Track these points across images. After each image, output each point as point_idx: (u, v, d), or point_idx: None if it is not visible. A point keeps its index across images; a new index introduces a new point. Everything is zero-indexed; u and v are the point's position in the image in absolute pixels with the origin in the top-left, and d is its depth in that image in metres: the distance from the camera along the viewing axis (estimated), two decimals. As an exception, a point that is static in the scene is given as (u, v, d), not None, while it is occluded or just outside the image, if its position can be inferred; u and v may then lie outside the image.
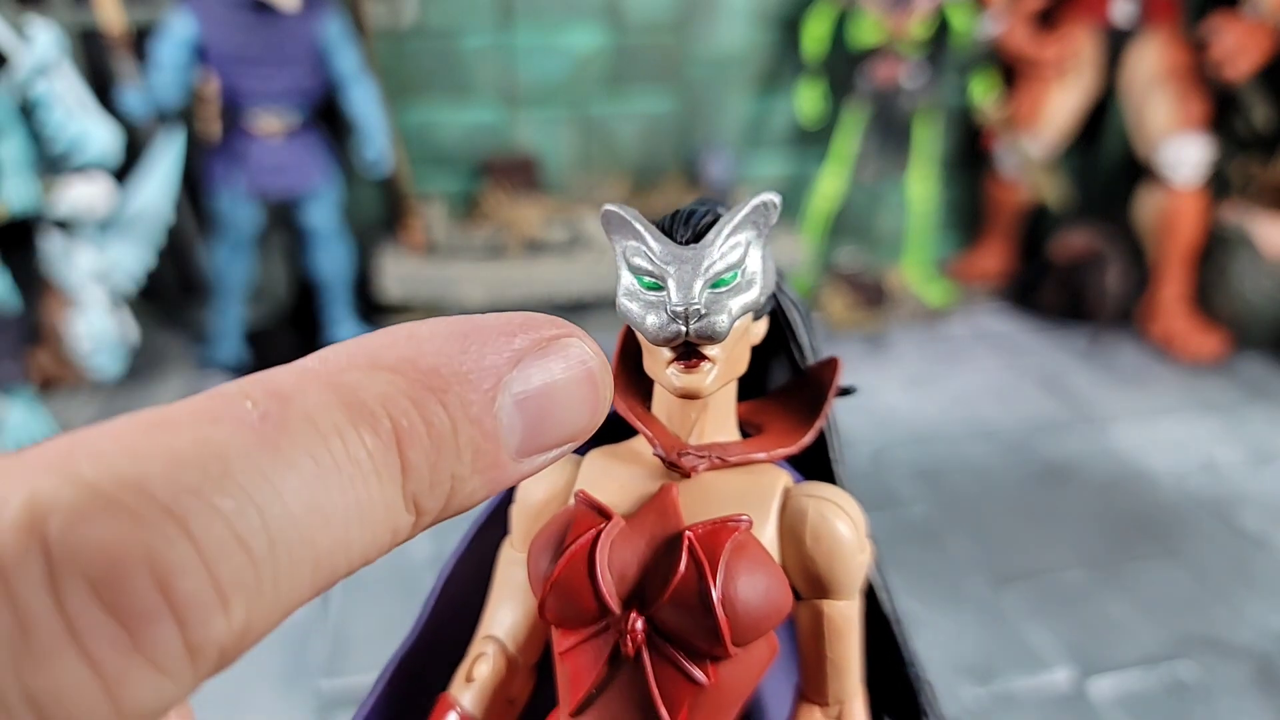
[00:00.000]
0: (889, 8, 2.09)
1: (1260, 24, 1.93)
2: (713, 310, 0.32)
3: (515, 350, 0.18)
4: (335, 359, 0.17)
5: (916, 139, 2.25)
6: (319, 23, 1.79)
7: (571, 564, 0.32)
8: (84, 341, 1.64)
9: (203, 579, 0.13)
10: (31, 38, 1.46)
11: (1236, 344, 2.14)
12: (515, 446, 0.18)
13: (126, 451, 0.14)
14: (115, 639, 0.13)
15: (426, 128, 2.18)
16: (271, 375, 0.16)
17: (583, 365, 0.19)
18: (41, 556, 0.12)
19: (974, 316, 2.37)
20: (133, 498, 0.13)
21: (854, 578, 0.35)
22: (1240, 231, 2.09)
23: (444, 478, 0.17)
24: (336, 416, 0.15)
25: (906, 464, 1.67)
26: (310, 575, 0.15)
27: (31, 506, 0.13)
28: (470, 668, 0.37)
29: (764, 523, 0.34)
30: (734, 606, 0.31)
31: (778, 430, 0.37)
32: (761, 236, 0.34)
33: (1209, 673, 1.20)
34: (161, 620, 0.13)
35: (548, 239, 2.11)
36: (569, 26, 2.16)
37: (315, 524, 0.15)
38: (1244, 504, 1.57)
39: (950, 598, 1.33)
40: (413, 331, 0.18)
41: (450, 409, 0.17)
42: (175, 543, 0.13)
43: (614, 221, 0.33)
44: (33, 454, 0.14)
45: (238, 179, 1.82)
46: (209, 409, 0.15)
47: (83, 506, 0.13)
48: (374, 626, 1.25)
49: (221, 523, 0.13)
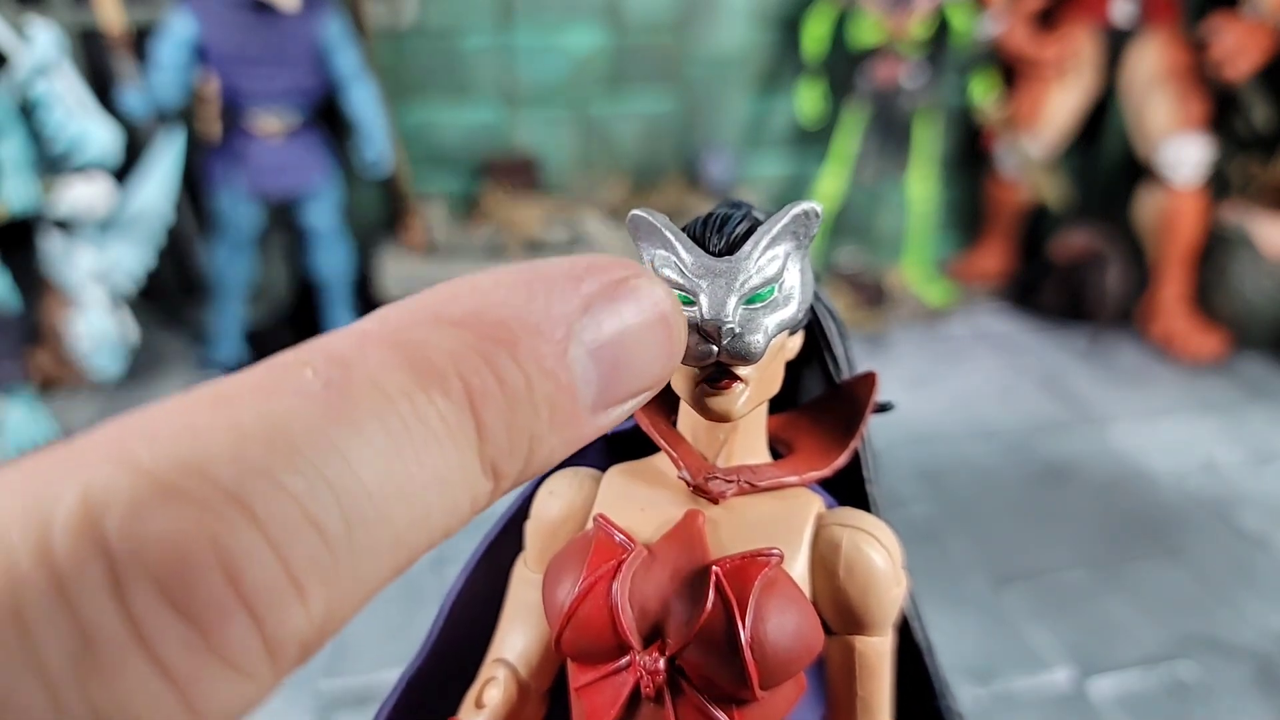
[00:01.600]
0: (889, 8, 2.09)
1: (1260, 24, 1.93)
2: (747, 329, 0.29)
3: (584, 296, 0.17)
4: (396, 318, 0.15)
5: (916, 139, 2.25)
6: (319, 23, 1.79)
7: (590, 597, 0.31)
8: (84, 341, 1.64)
9: (275, 568, 0.12)
10: (31, 38, 1.46)
11: (1236, 344, 2.14)
12: (591, 399, 0.17)
13: (184, 432, 0.13)
14: (187, 641, 0.12)
15: (426, 128, 2.18)
16: (330, 340, 0.15)
17: (655, 308, 0.18)
18: (101, 557, 0.11)
19: (974, 316, 2.37)
20: (195, 483, 0.12)
21: (888, 613, 0.33)
22: (1240, 231, 2.09)
23: (522, 438, 0.15)
24: (403, 379, 0.14)
25: (907, 464, 1.67)
26: (390, 554, 0.14)
27: (87, 502, 0.12)
28: (480, 692, 0.35)
29: (795, 554, 0.32)
30: (763, 649, 0.29)
31: (809, 449, 0.35)
32: (801, 248, 0.31)
33: (1209, 673, 1.20)
34: (235, 617, 0.12)
35: (548, 239, 2.11)
36: (569, 26, 2.16)
37: (391, 498, 0.13)
38: (1244, 504, 1.57)
39: (950, 598, 1.33)
40: (475, 283, 0.16)
41: (523, 363, 0.15)
42: (243, 530, 0.12)
43: (642, 228, 0.31)
44: (85, 442, 0.13)
45: (238, 179, 1.82)
46: (269, 380, 0.14)
47: (142, 497, 0.12)
48: (374, 627, 1.25)
49: (292, 504, 0.12)
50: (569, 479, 0.35)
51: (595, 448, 0.37)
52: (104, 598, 0.11)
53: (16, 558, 0.11)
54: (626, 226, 0.32)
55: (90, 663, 0.11)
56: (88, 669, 0.11)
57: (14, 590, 0.11)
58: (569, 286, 0.17)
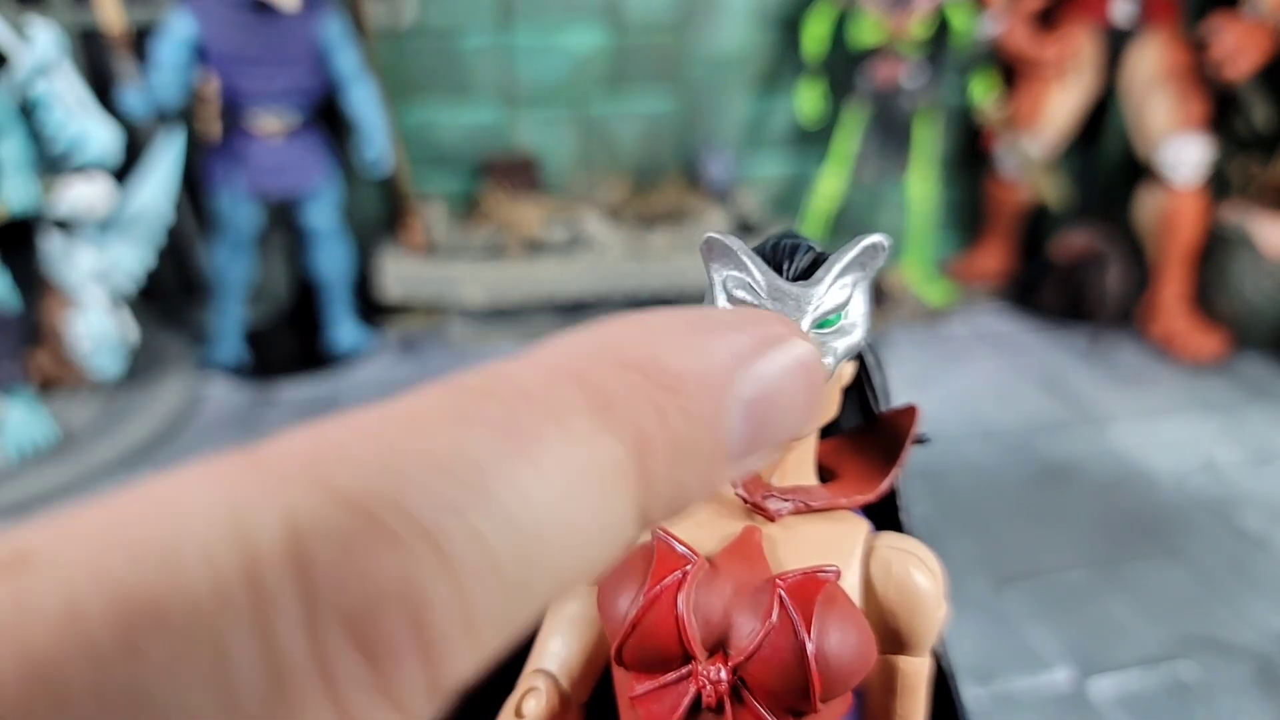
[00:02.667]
0: (889, 8, 2.09)
1: (1260, 24, 1.93)
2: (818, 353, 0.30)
3: (746, 347, 0.17)
4: (577, 351, 0.15)
5: (916, 139, 2.25)
6: (319, 23, 1.79)
7: (656, 607, 0.31)
8: (84, 341, 1.64)
9: (457, 613, 0.12)
10: (31, 38, 1.46)
11: (1236, 344, 2.14)
12: (734, 449, 0.17)
13: (382, 457, 0.12)
14: (364, 681, 0.11)
15: (426, 128, 2.18)
16: (513, 371, 0.15)
17: (803, 367, 0.18)
18: (301, 591, 0.11)
19: (974, 316, 2.37)
20: (394, 517, 0.12)
21: (931, 634, 0.34)
22: (1240, 231, 2.09)
23: (676, 489, 0.15)
24: (586, 422, 0.14)
25: (907, 464, 1.67)
26: (546, 594, 0.13)
27: (290, 527, 0.11)
28: (520, 702, 0.35)
29: (847, 573, 0.33)
30: (826, 661, 0.30)
31: (853, 475, 0.36)
32: (867, 279, 0.32)
33: (1209, 673, 1.20)
34: (411, 658, 0.12)
35: (548, 239, 2.11)
36: (569, 26, 2.16)
37: (561, 542, 0.13)
38: (1244, 504, 1.57)
39: (950, 598, 1.33)
40: (650, 325, 0.17)
41: (690, 414, 0.15)
42: (435, 574, 0.12)
43: (716, 249, 0.32)
44: (276, 456, 0.12)
45: (238, 179, 1.82)
46: (458, 408, 0.13)
47: (345, 530, 0.11)
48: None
49: (480, 547, 0.12)
50: None
51: None
52: (299, 631, 0.11)
53: (223, 581, 0.11)
54: (699, 248, 0.33)
55: (279, 696, 0.11)
56: (273, 702, 0.11)
57: (219, 614, 0.11)
58: (733, 337, 0.17)
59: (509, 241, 2.10)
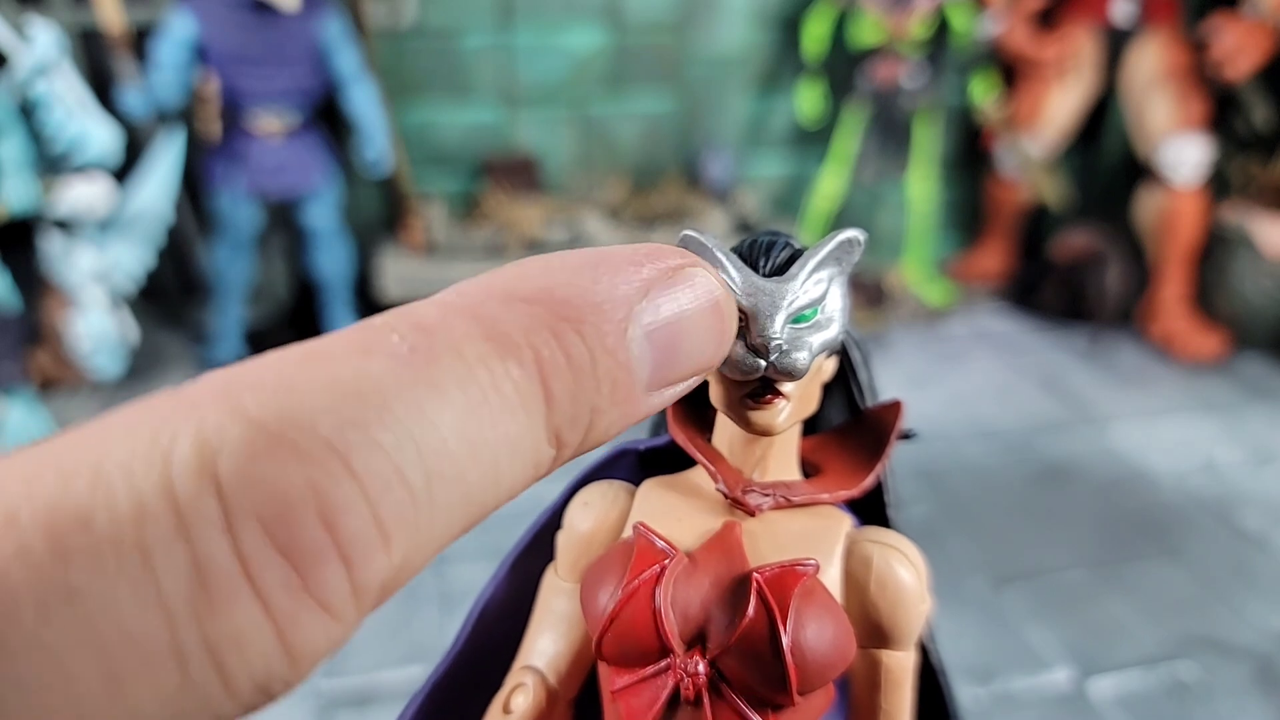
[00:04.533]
0: (889, 8, 2.09)
1: (1260, 24, 1.93)
2: (793, 346, 0.31)
3: (644, 279, 0.18)
4: (473, 292, 0.17)
5: (916, 139, 2.25)
6: (319, 23, 1.79)
7: (634, 601, 0.31)
8: (84, 341, 1.64)
9: (367, 517, 0.13)
10: (31, 38, 1.46)
11: (1236, 344, 2.14)
12: (646, 379, 0.18)
13: (287, 384, 0.13)
14: (287, 581, 0.12)
15: (426, 128, 2.18)
16: (413, 309, 0.16)
17: (709, 295, 0.19)
18: (216, 496, 0.12)
19: (974, 316, 2.37)
20: (298, 433, 0.13)
21: (915, 628, 0.34)
22: (1240, 231, 2.09)
23: (584, 410, 0.16)
24: (482, 348, 0.15)
25: (907, 464, 1.67)
26: (462, 510, 0.15)
27: (202, 444, 0.12)
28: (508, 699, 0.36)
29: (828, 567, 0.33)
30: (803, 654, 0.31)
31: (837, 470, 0.36)
32: (843, 274, 0.33)
33: (1209, 673, 1.20)
34: (330, 560, 0.13)
35: (548, 239, 2.11)
36: (569, 26, 2.16)
37: (467, 458, 0.14)
38: (1244, 504, 1.57)
39: (950, 598, 1.33)
40: (546, 264, 0.18)
41: (588, 339, 0.16)
42: (340, 480, 0.13)
43: (692, 246, 0.31)
44: (194, 390, 0.14)
45: (238, 179, 1.82)
46: (360, 341, 0.15)
47: (251, 443, 0.12)
48: (375, 626, 1.25)
49: (383, 458, 0.13)
50: (603, 491, 0.36)
51: (628, 464, 0.38)
52: (217, 534, 0.12)
53: (142, 492, 0.12)
54: (676, 245, 0.33)
55: (203, 595, 0.12)
56: (201, 601, 0.12)
57: (140, 523, 0.12)
58: (631, 270, 0.18)
59: (509, 241, 2.10)
